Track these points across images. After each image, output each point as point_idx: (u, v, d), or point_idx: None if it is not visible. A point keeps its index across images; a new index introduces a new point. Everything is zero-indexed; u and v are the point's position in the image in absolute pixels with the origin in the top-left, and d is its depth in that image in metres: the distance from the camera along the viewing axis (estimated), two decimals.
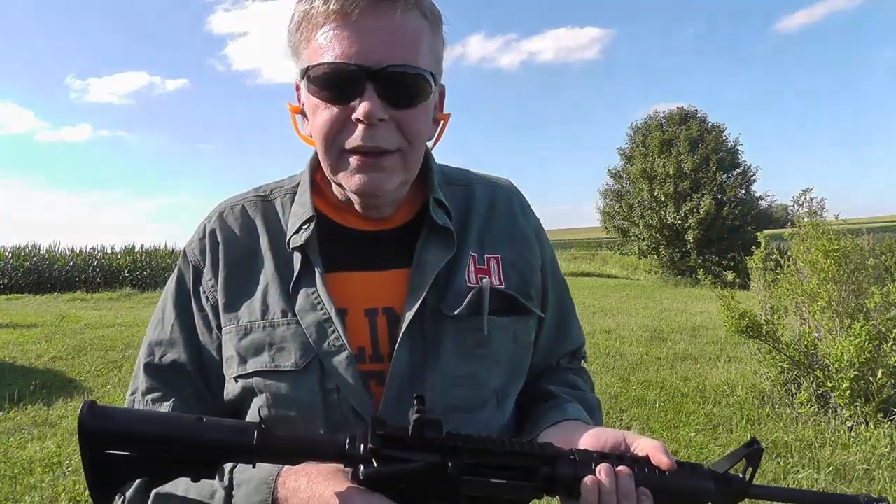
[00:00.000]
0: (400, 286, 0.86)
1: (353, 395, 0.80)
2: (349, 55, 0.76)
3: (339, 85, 0.78)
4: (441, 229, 0.88)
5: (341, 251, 0.88)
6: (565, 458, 0.71)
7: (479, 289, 0.86)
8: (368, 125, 0.77)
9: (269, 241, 0.88)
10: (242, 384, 0.83)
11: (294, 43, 0.83)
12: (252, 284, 0.86)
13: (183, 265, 0.91)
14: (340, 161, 0.81)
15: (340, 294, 0.84)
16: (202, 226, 0.93)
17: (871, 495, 0.75)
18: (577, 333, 1.06)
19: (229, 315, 0.85)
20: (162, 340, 0.88)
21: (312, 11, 0.78)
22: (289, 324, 0.83)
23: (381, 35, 0.77)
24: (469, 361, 0.85)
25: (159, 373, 0.87)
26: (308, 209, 0.87)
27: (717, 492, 0.74)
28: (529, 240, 0.96)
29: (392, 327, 0.84)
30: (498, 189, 0.99)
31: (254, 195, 0.94)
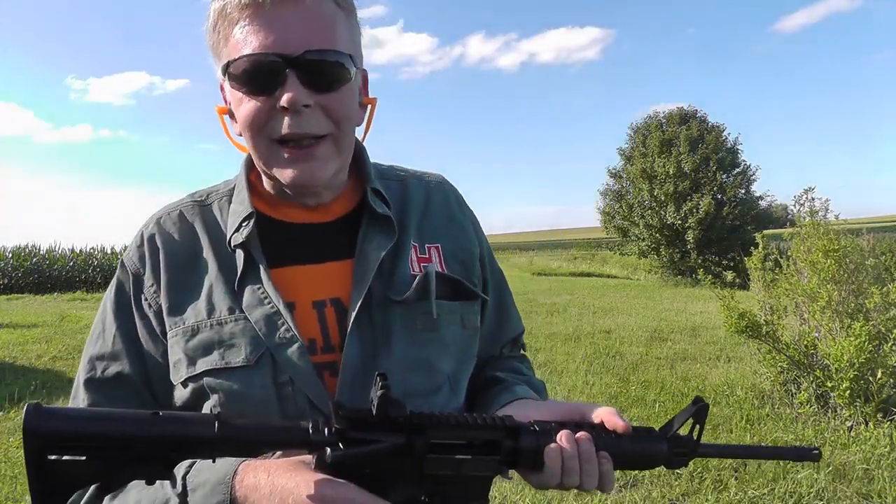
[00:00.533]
0: (345, 277, 0.86)
1: (308, 385, 0.79)
2: (267, 45, 0.77)
3: (260, 76, 0.78)
4: (381, 218, 0.89)
5: (283, 247, 0.88)
6: (526, 429, 0.72)
7: (426, 273, 0.88)
8: (294, 112, 0.78)
9: (209, 243, 0.88)
10: (193, 386, 0.81)
11: (213, 43, 0.83)
12: (196, 286, 0.85)
13: (121, 274, 0.89)
14: (271, 153, 0.82)
15: (286, 288, 0.84)
16: (139, 233, 0.91)
17: (806, 447, 0.81)
18: (516, 322, 1.08)
19: (174, 318, 0.84)
20: (104, 354, 0.85)
21: (226, 8, 0.78)
22: (236, 320, 0.82)
23: (297, 22, 0.77)
24: (421, 346, 0.86)
25: (102, 387, 0.84)
26: (247, 206, 0.87)
27: (669, 452, 0.77)
28: (467, 230, 0.99)
29: (341, 318, 0.85)
30: (432, 183, 1.01)
31: (190, 200, 0.93)
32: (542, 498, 3.36)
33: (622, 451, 0.74)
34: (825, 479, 3.48)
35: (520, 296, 13.78)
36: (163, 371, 0.84)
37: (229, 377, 0.80)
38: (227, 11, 0.79)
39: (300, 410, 0.79)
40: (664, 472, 3.61)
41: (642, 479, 3.55)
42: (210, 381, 0.80)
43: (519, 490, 3.43)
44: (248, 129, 0.81)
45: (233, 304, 0.83)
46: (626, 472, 3.64)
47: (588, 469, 0.73)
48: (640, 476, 3.59)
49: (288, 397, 0.79)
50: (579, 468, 0.73)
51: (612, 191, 21.67)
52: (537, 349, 7.34)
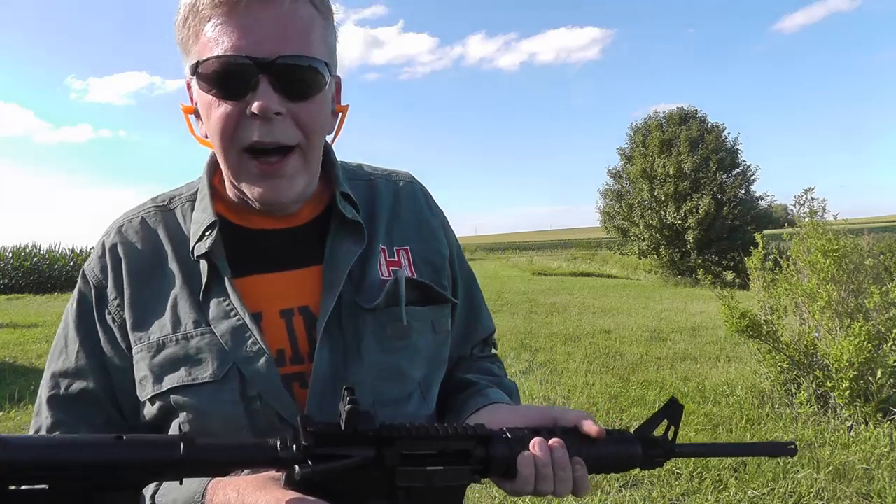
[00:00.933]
0: (313, 284, 0.84)
1: (276, 400, 0.77)
2: (239, 47, 0.73)
3: (230, 79, 0.74)
4: (350, 223, 0.87)
5: (249, 254, 0.84)
6: (498, 437, 0.71)
7: (395, 279, 0.85)
8: (265, 120, 0.74)
9: (173, 251, 0.84)
10: (160, 403, 0.79)
11: (182, 39, 0.78)
12: (160, 299, 0.82)
13: (83, 286, 0.85)
14: (241, 165, 0.78)
15: (253, 297, 0.81)
16: (100, 243, 0.88)
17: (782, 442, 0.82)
18: (487, 321, 1.06)
19: (139, 334, 0.81)
20: (67, 370, 0.82)
21: (199, 3, 0.74)
22: (202, 334, 0.79)
23: (272, 25, 0.74)
24: (391, 354, 0.84)
25: (66, 404, 0.82)
26: (209, 214, 0.83)
27: (644, 454, 0.76)
28: (436, 231, 0.96)
29: (309, 326, 0.82)
30: (400, 183, 0.98)
31: (152, 206, 0.89)
32: (542, 498, 3.36)
33: (596, 455, 0.74)
34: (825, 479, 3.48)
35: (520, 296, 13.79)
36: (129, 385, 0.81)
37: (197, 393, 0.77)
38: (199, 8, 0.74)
39: (269, 425, 0.77)
40: (664, 472, 3.61)
41: (642, 479, 3.56)
42: (177, 398, 0.78)
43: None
44: (218, 136, 0.77)
45: (198, 318, 0.80)
46: (626, 473, 3.64)
47: (562, 476, 0.72)
48: (640, 476, 3.59)
49: (257, 412, 0.77)
50: (553, 475, 0.71)
51: (612, 191, 21.68)
52: (537, 349, 7.35)
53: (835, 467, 3.61)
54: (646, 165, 19.72)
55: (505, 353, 7.09)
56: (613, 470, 0.76)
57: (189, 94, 0.83)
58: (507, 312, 10.97)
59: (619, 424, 4.50)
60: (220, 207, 0.86)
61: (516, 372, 6.16)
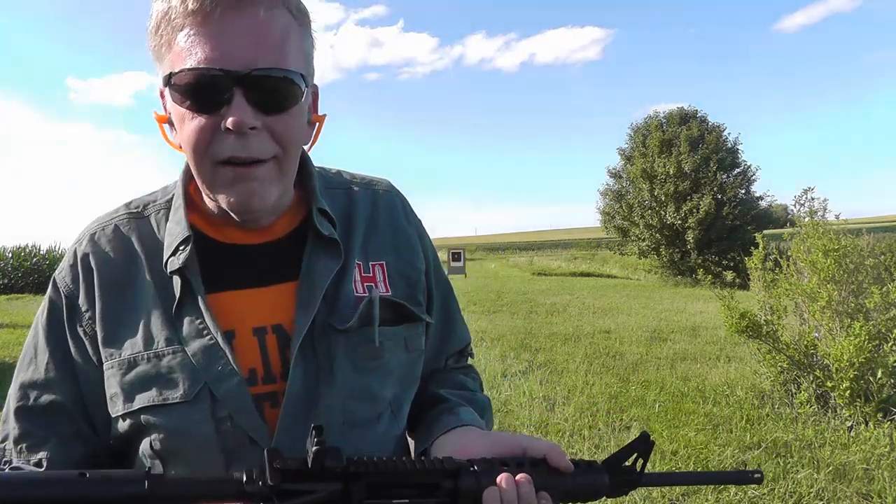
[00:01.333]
0: (287, 301, 0.82)
1: (247, 421, 0.76)
2: (212, 59, 0.70)
3: (204, 92, 0.72)
4: (326, 240, 0.85)
5: (223, 269, 0.82)
6: (466, 470, 0.71)
7: (369, 300, 0.84)
8: (239, 134, 0.72)
9: (146, 262, 0.82)
10: (130, 421, 0.77)
11: (154, 46, 0.75)
12: (132, 313, 0.80)
13: (54, 295, 0.83)
14: (215, 175, 0.76)
15: (226, 315, 0.80)
16: (72, 250, 0.85)
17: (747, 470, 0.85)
18: (462, 333, 1.04)
19: (110, 349, 0.79)
20: (37, 381, 0.80)
21: (171, 11, 0.71)
22: (174, 353, 0.77)
23: (246, 35, 0.71)
24: (363, 374, 0.83)
25: (34, 416, 0.79)
26: (184, 228, 0.80)
27: (612, 484, 0.78)
28: (413, 242, 0.94)
29: (282, 345, 0.81)
30: (379, 192, 0.96)
31: (125, 213, 0.87)
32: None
33: (564, 487, 0.75)
34: (825, 479, 3.48)
35: (520, 296, 13.79)
36: (100, 398, 0.80)
37: (168, 413, 0.76)
38: (172, 16, 0.72)
39: (240, 445, 0.77)
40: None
41: None
42: (148, 417, 0.77)
43: None
44: (191, 149, 0.74)
45: (170, 335, 0.78)
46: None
47: None
48: None
49: (227, 433, 0.76)
50: None
51: (612, 191, 21.69)
52: (537, 349, 7.35)
53: (835, 467, 3.61)
54: (646, 165, 19.72)
55: (505, 353, 7.10)
56: (580, 500, 0.78)
57: (162, 102, 0.80)
58: (507, 312, 10.98)
59: (618, 424, 4.50)
60: (194, 218, 0.84)
61: (516, 372, 6.16)
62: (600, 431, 4.36)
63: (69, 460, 0.79)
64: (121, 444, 0.81)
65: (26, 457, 0.79)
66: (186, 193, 0.86)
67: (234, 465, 0.76)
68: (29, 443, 0.79)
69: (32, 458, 0.79)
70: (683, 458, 3.81)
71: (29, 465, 0.78)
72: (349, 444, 0.79)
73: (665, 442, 4.10)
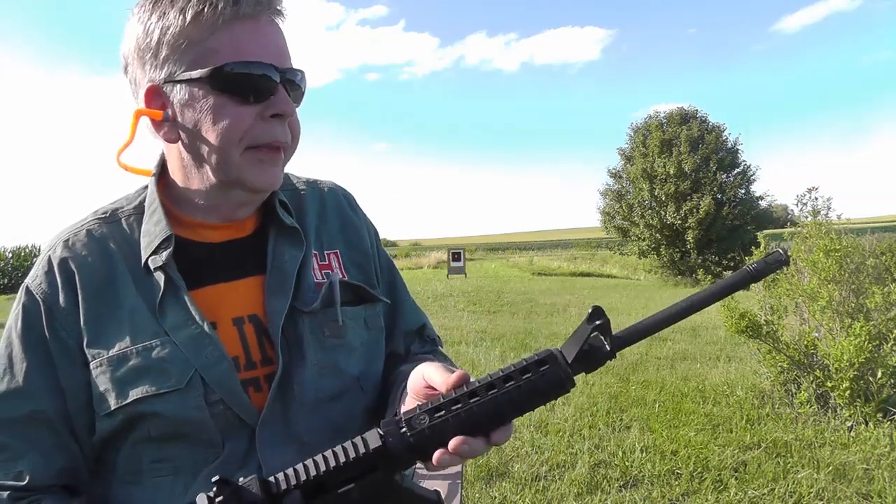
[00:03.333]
0: (258, 291, 0.89)
1: (237, 403, 0.81)
2: (264, 56, 0.80)
3: (257, 84, 0.80)
4: (289, 229, 0.92)
5: (200, 266, 0.87)
6: (395, 434, 0.67)
7: (330, 283, 0.91)
8: (282, 120, 0.83)
9: (124, 262, 0.85)
10: (123, 416, 0.79)
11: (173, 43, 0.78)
12: (115, 312, 0.82)
13: (28, 303, 0.82)
14: (244, 158, 0.82)
15: (206, 308, 0.84)
16: (45, 258, 0.86)
17: (766, 257, 0.72)
18: (412, 313, 1.08)
19: (96, 349, 0.80)
20: (15, 390, 0.80)
21: (214, 13, 0.77)
22: (163, 344, 0.80)
23: (279, 40, 0.83)
24: (329, 352, 0.89)
25: (12, 427, 0.79)
26: (163, 227, 0.85)
27: (575, 369, 0.69)
28: (361, 231, 1.03)
29: (259, 333, 0.87)
30: (324, 190, 1.04)
31: (94, 218, 0.89)
32: (541, 498, 3.36)
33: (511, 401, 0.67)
34: (825, 479, 3.48)
35: (520, 296, 13.79)
36: (82, 402, 0.81)
37: (162, 403, 0.79)
38: (213, 18, 0.77)
39: (231, 425, 0.82)
40: (665, 472, 3.61)
41: (642, 480, 3.56)
42: (143, 408, 0.79)
43: (519, 490, 3.43)
44: (227, 135, 0.80)
45: (157, 329, 0.81)
46: (626, 473, 3.64)
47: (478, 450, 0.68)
48: (640, 476, 3.59)
49: (219, 415, 0.81)
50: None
51: (613, 191, 21.70)
52: (537, 349, 7.31)
53: (835, 467, 3.61)
54: (646, 165, 19.73)
55: (505, 353, 7.09)
56: (543, 400, 0.69)
57: (148, 100, 0.82)
58: (507, 312, 10.97)
59: (618, 424, 4.50)
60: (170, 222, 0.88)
61: None
62: (600, 431, 4.36)
63: (49, 472, 0.80)
64: (105, 442, 0.82)
65: (3, 470, 0.78)
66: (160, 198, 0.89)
67: (227, 443, 0.81)
68: (6, 456, 0.79)
69: (11, 471, 0.78)
70: (683, 459, 3.81)
71: (8, 477, 0.78)
72: (323, 418, 0.87)
73: (665, 442, 4.10)
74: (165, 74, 0.80)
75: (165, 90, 0.81)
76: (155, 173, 0.91)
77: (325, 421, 0.87)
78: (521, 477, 3.58)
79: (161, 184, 0.91)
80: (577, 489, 3.44)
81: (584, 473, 3.61)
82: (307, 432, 0.85)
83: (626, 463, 3.76)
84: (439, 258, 29.86)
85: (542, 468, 3.71)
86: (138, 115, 0.83)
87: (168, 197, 0.90)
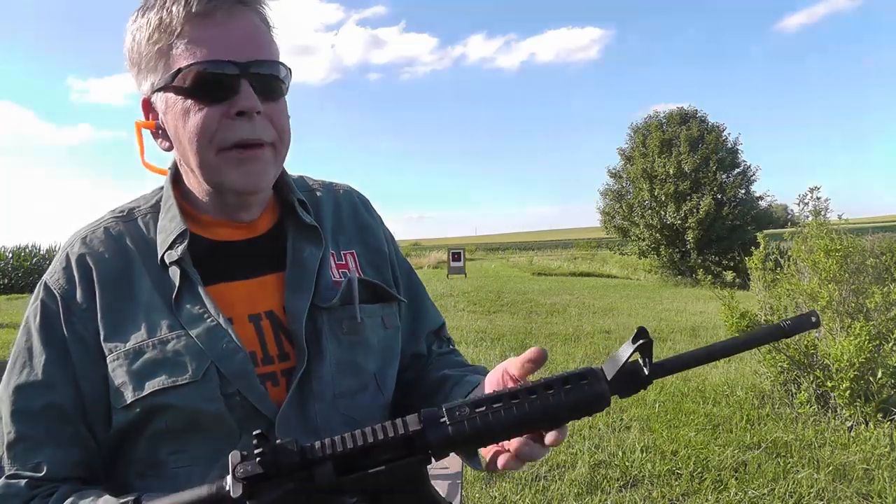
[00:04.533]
0: (276, 289, 0.89)
1: (253, 395, 0.81)
2: (220, 53, 0.78)
3: (214, 83, 0.78)
4: (308, 228, 0.93)
5: (216, 264, 0.88)
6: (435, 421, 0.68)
7: (349, 280, 0.92)
8: (248, 118, 0.79)
9: (140, 258, 0.86)
10: (140, 408, 0.80)
11: (144, 55, 0.81)
12: (132, 306, 0.83)
13: (46, 298, 0.85)
14: (220, 159, 0.81)
15: (222, 305, 0.84)
16: (63, 254, 0.88)
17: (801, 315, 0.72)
18: (433, 314, 1.10)
19: (113, 342, 0.82)
20: (33, 382, 0.81)
21: (168, 19, 0.78)
22: (178, 337, 0.81)
23: (245, 34, 0.80)
24: (347, 349, 0.90)
25: (31, 419, 0.81)
26: (178, 224, 0.86)
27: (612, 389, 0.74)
28: (376, 232, 1.03)
29: (276, 329, 0.87)
30: (340, 193, 1.04)
31: (112, 217, 0.91)
32: (541, 498, 3.36)
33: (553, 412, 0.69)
34: (825, 479, 3.48)
35: (520, 296, 13.79)
36: (99, 395, 0.82)
37: (178, 394, 0.79)
38: (168, 23, 0.78)
39: (248, 417, 0.81)
40: (665, 472, 3.61)
41: (642, 480, 3.55)
42: (160, 400, 0.80)
43: (519, 490, 3.43)
44: (197, 139, 0.80)
45: (173, 322, 0.82)
46: (626, 473, 3.64)
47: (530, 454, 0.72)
48: (640, 476, 3.59)
49: (236, 406, 0.81)
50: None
51: (612, 191, 21.68)
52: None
53: (835, 467, 3.61)
54: (646, 165, 19.71)
55: (505, 353, 7.09)
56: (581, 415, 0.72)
57: (146, 112, 0.86)
58: (507, 312, 10.97)
59: (618, 424, 4.50)
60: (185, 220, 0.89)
61: None
62: (600, 431, 4.36)
63: (65, 464, 0.81)
64: (122, 435, 0.83)
65: (21, 461, 0.80)
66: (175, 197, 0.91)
67: (245, 433, 0.81)
68: (24, 446, 0.80)
69: (30, 461, 0.80)
70: (683, 459, 3.80)
71: (26, 468, 0.80)
72: (341, 414, 0.87)
73: (665, 442, 4.10)
74: (149, 86, 0.83)
75: (153, 101, 0.84)
76: (170, 173, 0.93)
77: (342, 416, 0.87)
78: (521, 477, 3.58)
79: (177, 183, 0.92)
80: (577, 489, 3.44)
81: (584, 473, 3.61)
82: (325, 427, 0.85)
83: (626, 463, 3.76)
84: (439, 258, 29.86)
85: (542, 468, 3.71)
86: (138, 127, 0.87)
87: (183, 196, 0.92)
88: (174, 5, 0.77)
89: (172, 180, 0.92)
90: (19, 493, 0.78)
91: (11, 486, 0.78)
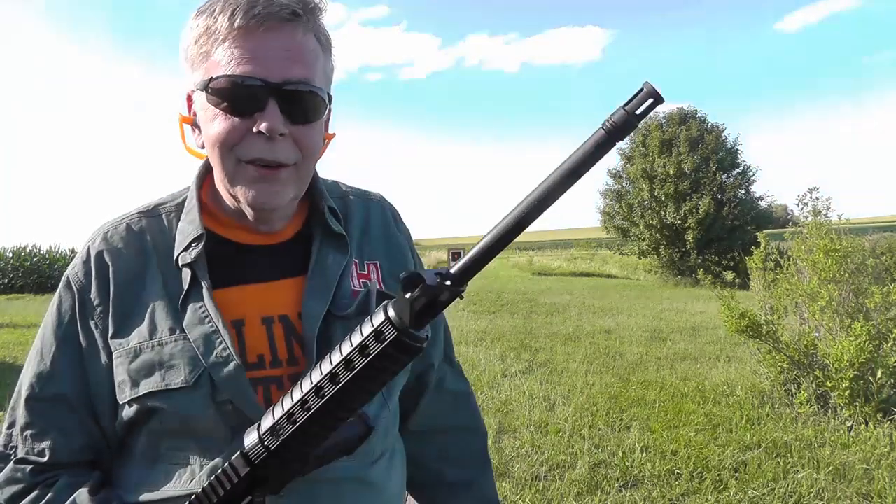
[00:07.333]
0: (293, 294, 0.89)
1: (245, 405, 0.81)
2: (250, 70, 0.78)
3: (241, 98, 0.79)
4: (334, 236, 0.93)
5: (234, 266, 0.89)
6: (258, 449, 0.73)
7: (367, 291, 0.92)
8: (269, 139, 0.80)
9: (157, 258, 0.88)
10: (137, 407, 0.83)
11: (191, 55, 0.83)
12: (140, 305, 0.85)
13: (64, 292, 0.88)
14: (237, 171, 0.82)
15: (236, 305, 0.86)
16: (85, 249, 0.91)
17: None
18: (446, 334, 1.14)
19: (119, 340, 0.84)
20: (43, 373, 0.85)
21: (216, 26, 0.79)
22: (176, 340, 0.82)
23: (282, 52, 0.79)
24: None
25: (40, 406, 0.85)
26: (197, 226, 0.87)
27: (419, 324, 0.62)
28: (403, 248, 1.03)
29: (288, 334, 0.87)
30: (371, 201, 1.04)
31: (137, 213, 0.93)
32: (541, 498, 3.36)
33: (363, 389, 0.67)
34: (825, 479, 3.48)
35: (520, 296, 13.79)
36: (105, 389, 0.85)
37: (170, 399, 0.81)
38: (215, 29, 0.79)
39: (241, 425, 0.80)
40: (664, 472, 3.61)
41: (642, 480, 3.55)
42: (153, 402, 0.81)
43: (519, 490, 3.43)
44: (219, 146, 0.81)
45: (174, 324, 0.83)
46: (626, 473, 3.64)
47: None
48: (640, 476, 3.59)
49: (228, 414, 0.81)
50: None
51: (612, 191, 21.68)
52: (537, 349, 7.34)
53: (835, 467, 3.61)
54: (646, 165, 19.71)
55: (505, 353, 7.10)
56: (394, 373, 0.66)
57: (188, 104, 0.88)
58: (507, 312, 10.97)
59: (618, 424, 4.50)
60: (207, 220, 0.90)
61: (516, 372, 6.16)
62: (600, 431, 4.36)
63: (69, 450, 0.86)
64: (127, 428, 0.86)
65: (30, 444, 0.85)
66: (199, 197, 0.92)
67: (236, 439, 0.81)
68: (33, 431, 0.85)
69: (36, 446, 0.85)
70: (683, 459, 3.80)
71: (33, 453, 0.85)
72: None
73: (665, 442, 4.10)
74: (192, 83, 0.85)
75: (193, 97, 0.86)
76: (198, 172, 0.94)
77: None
78: (521, 477, 3.58)
79: (207, 181, 0.93)
80: (577, 489, 3.44)
81: (584, 473, 3.61)
82: None
83: (626, 463, 3.76)
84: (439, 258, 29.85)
85: (542, 468, 3.71)
86: (181, 120, 0.88)
87: (211, 195, 0.93)
88: (221, 15, 0.79)
89: (200, 178, 0.93)
90: (24, 479, 0.83)
91: (18, 470, 0.84)
